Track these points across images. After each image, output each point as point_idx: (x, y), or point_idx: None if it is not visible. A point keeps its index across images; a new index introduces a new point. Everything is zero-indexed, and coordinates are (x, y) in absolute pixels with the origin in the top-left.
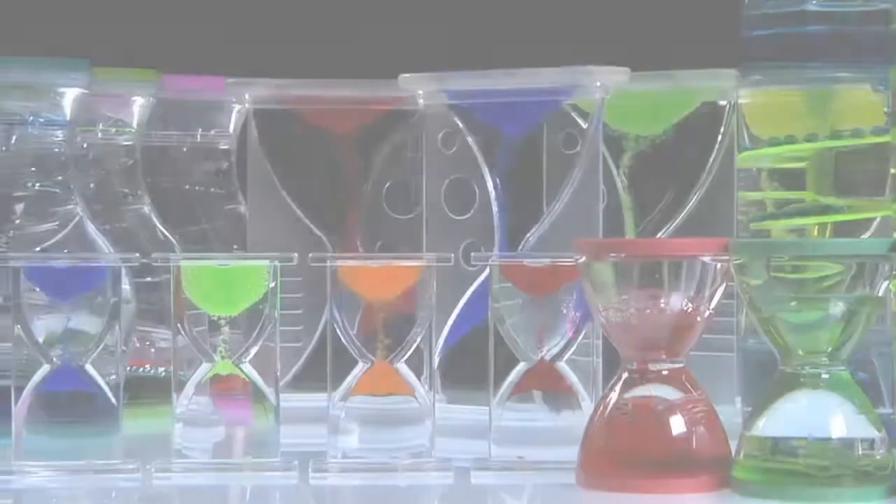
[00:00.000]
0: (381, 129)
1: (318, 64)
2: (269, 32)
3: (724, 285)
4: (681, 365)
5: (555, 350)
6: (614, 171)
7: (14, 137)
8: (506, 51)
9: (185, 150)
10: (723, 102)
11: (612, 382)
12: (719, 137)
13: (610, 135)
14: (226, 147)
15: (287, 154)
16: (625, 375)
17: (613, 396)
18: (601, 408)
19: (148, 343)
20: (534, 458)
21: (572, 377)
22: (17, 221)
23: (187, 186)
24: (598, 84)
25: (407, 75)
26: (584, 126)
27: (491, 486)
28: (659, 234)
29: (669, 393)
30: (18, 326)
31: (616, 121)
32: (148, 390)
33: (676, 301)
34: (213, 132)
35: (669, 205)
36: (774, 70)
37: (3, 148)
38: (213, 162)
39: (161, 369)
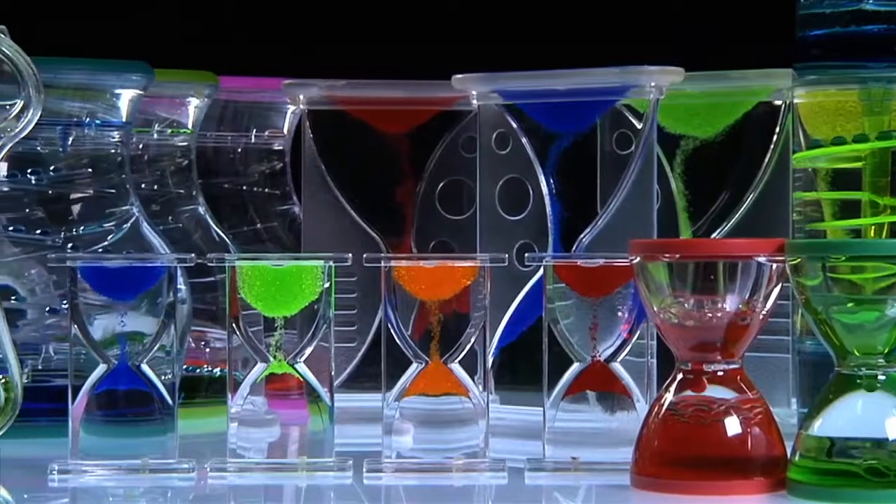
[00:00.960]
0: (435, 130)
1: (373, 65)
2: (324, 34)
3: (779, 286)
4: (736, 366)
5: (609, 351)
6: (669, 172)
7: (71, 139)
8: (559, 51)
9: (239, 150)
10: (778, 102)
11: (666, 383)
12: (774, 138)
13: (665, 135)
14: (280, 148)
15: (341, 155)
16: (679, 376)
17: (668, 397)
18: (656, 409)
19: (203, 343)
20: (588, 459)
21: (626, 378)
22: (74, 222)
23: (241, 187)
24: (653, 84)
25: (460, 76)
26: (639, 126)
27: (545, 486)
28: (714, 235)
29: (725, 394)
30: (75, 326)
31: (671, 121)
32: (203, 390)
33: (732, 302)
34: (266, 133)
35: (724, 205)
36: (830, 70)
37: (61, 149)
38: (267, 162)
39: (216, 369)
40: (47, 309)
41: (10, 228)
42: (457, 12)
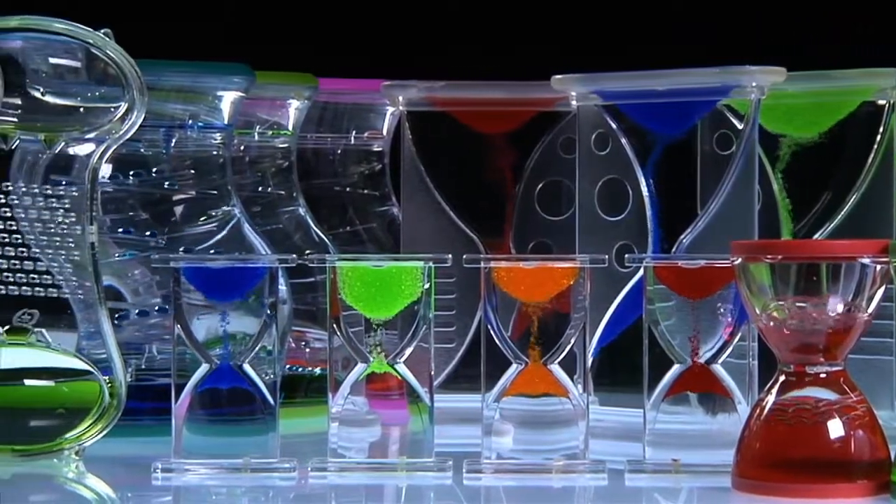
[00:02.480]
0: (534, 131)
1: (472, 65)
2: (424, 35)
3: (883, 288)
4: (839, 368)
5: (710, 353)
6: (770, 172)
7: (174, 140)
8: (659, 51)
9: (338, 152)
10: (882, 102)
11: (768, 385)
12: (878, 137)
13: (766, 135)
14: (379, 149)
15: (440, 155)
16: (781, 378)
17: (770, 399)
18: (757, 411)
19: (303, 343)
20: (688, 461)
21: (728, 380)
22: (177, 223)
23: (341, 188)
24: (754, 84)
25: (560, 76)
26: (740, 126)
27: (645, 488)
28: (816, 236)
29: (827, 396)
30: (178, 326)
31: (772, 122)
32: (302, 390)
33: (835, 303)
34: (366, 134)
35: (827, 206)
36: None
37: (164, 151)
38: (366, 164)
39: (316, 369)
40: (156, 309)
41: (116, 230)
42: (556, 13)
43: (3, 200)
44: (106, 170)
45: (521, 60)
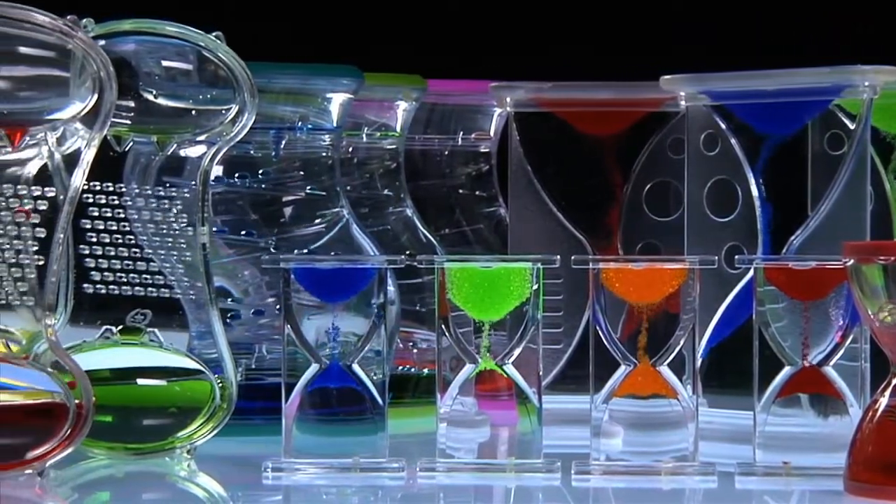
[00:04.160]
0: (643, 132)
1: (578, 66)
2: (531, 36)
3: None
4: None
5: (821, 355)
6: (882, 173)
7: (284, 142)
8: (768, 49)
9: (446, 153)
10: None
11: (881, 387)
12: None
13: (878, 135)
14: (486, 150)
15: (547, 156)
16: (895, 380)
17: (883, 402)
18: (870, 413)
19: (410, 343)
20: (800, 464)
21: (839, 382)
22: (286, 224)
23: (448, 189)
24: (867, 84)
25: (668, 77)
26: (851, 127)
27: (755, 491)
28: None
29: None
30: (288, 326)
31: (885, 121)
32: (410, 390)
33: None
34: (473, 135)
35: None
36: None
37: (273, 153)
38: (473, 165)
39: (424, 369)
40: (274, 308)
41: (225, 231)
42: (664, 12)
43: (116, 202)
44: (217, 171)
45: (629, 61)
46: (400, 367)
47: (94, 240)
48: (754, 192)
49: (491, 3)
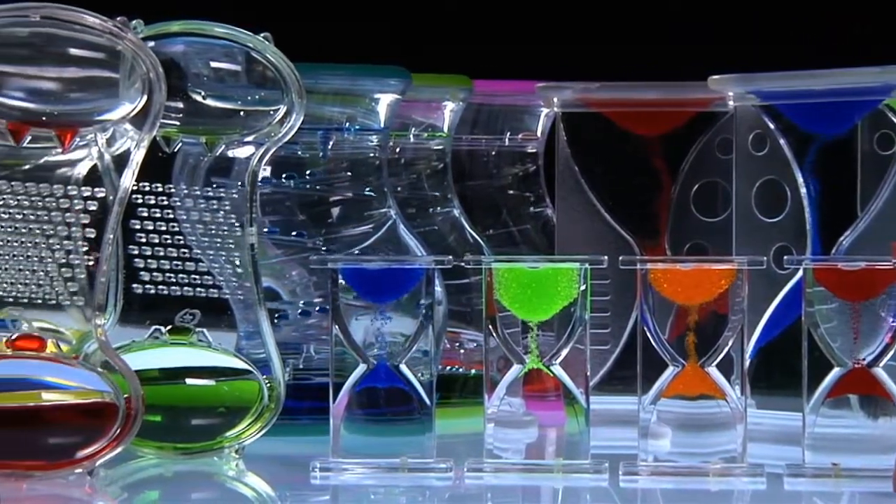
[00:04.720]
0: (690, 132)
1: (626, 66)
2: (578, 35)
3: None
4: None
5: (871, 355)
6: None
7: (331, 143)
8: (817, 49)
9: (493, 153)
10: None
11: None
12: None
13: None
14: (533, 150)
15: (595, 157)
16: None
17: None
18: None
19: (457, 343)
20: (849, 466)
21: (889, 383)
22: (334, 224)
23: (495, 189)
24: None
25: (717, 76)
26: None
27: (805, 493)
28: None
29: None
30: (336, 327)
31: None
32: (457, 390)
33: None
34: (520, 136)
35: None
36: None
37: (321, 153)
38: (520, 165)
39: (471, 370)
40: (318, 309)
41: (274, 231)
42: (712, 12)
43: (165, 203)
44: (265, 172)
45: (677, 60)
46: (447, 368)
47: (144, 240)
48: (803, 192)
49: (539, 3)
